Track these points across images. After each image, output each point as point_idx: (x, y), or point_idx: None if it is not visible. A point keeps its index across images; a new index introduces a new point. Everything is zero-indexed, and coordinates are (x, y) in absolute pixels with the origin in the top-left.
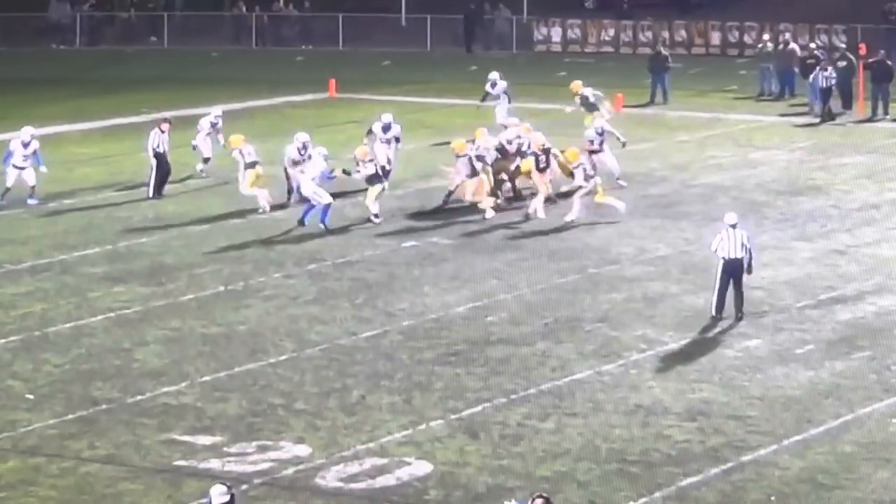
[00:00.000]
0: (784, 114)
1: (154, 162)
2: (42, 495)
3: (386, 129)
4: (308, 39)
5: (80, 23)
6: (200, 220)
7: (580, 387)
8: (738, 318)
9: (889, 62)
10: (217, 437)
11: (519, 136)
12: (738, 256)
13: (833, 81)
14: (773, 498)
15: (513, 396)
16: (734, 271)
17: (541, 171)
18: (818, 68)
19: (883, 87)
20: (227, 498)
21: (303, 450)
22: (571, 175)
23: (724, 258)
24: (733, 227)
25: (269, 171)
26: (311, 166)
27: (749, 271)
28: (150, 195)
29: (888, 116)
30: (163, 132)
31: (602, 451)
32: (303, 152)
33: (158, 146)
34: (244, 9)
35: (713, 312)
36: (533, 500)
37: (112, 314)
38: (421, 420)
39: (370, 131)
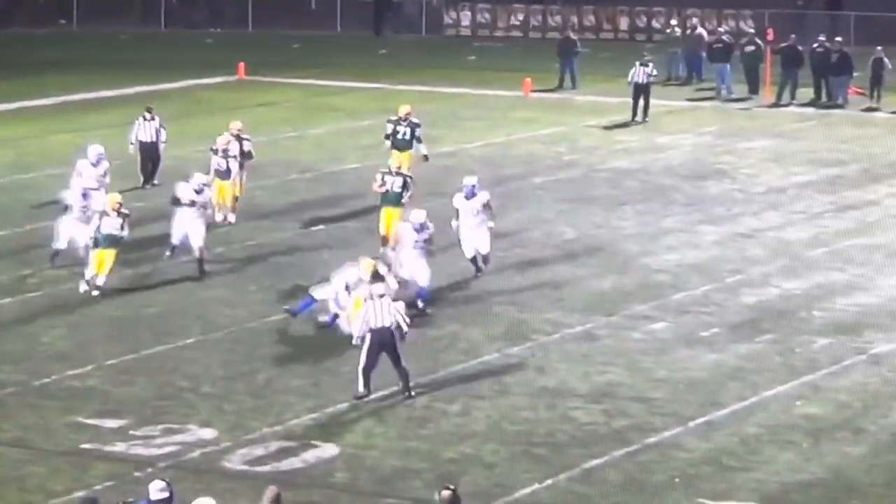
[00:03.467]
0: (691, 98)
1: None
2: None
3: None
4: (217, 22)
5: None
6: None
7: (487, 369)
8: (406, 397)
9: (800, 47)
10: (123, 420)
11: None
12: (387, 325)
13: (653, 78)
14: (677, 479)
15: (420, 379)
16: (384, 342)
17: None
18: (638, 63)
19: (792, 72)
20: (167, 494)
21: (209, 433)
22: None
23: (370, 329)
24: (381, 297)
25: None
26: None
27: (402, 338)
28: (142, 185)
29: (795, 101)
30: (146, 120)
31: (508, 432)
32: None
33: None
34: None
35: (359, 390)
36: (440, 492)
37: (19, 297)
38: (328, 403)
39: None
